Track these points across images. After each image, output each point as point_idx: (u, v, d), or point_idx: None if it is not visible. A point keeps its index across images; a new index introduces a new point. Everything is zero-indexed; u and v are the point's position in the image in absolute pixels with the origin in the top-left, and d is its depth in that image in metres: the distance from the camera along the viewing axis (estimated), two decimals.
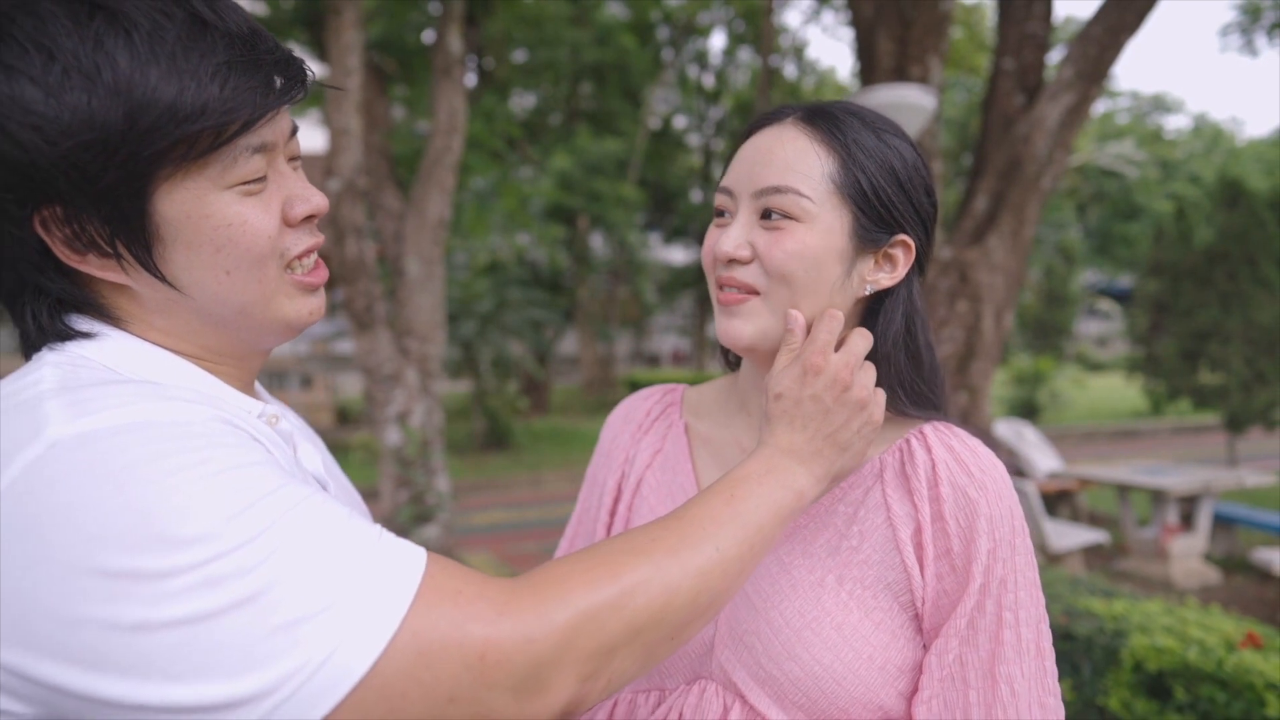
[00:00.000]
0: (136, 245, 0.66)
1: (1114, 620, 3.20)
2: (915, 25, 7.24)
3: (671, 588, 0.65)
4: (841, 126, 0.83)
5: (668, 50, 22.77)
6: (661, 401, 1.05)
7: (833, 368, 0.79)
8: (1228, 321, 9.43)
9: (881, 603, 0.82)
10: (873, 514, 0.84)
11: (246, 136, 0.67)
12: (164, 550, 0.53)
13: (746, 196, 0.83)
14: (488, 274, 14.76)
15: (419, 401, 6.27)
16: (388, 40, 10.82)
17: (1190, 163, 33.18)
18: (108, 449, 0.56)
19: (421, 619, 0.57)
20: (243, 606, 0.53)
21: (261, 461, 0.61)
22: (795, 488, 0.76)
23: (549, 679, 0.59)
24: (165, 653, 0.52)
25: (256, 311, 0.73)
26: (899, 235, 0.85)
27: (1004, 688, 0.77)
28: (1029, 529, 3.63)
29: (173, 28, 0.63)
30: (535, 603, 0.60)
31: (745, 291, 0.83)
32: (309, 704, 0.53)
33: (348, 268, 6.14)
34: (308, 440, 0.85)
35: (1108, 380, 23.37)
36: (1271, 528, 5.82)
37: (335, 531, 0.59)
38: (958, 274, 7.45)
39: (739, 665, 0.83)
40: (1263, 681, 2.63)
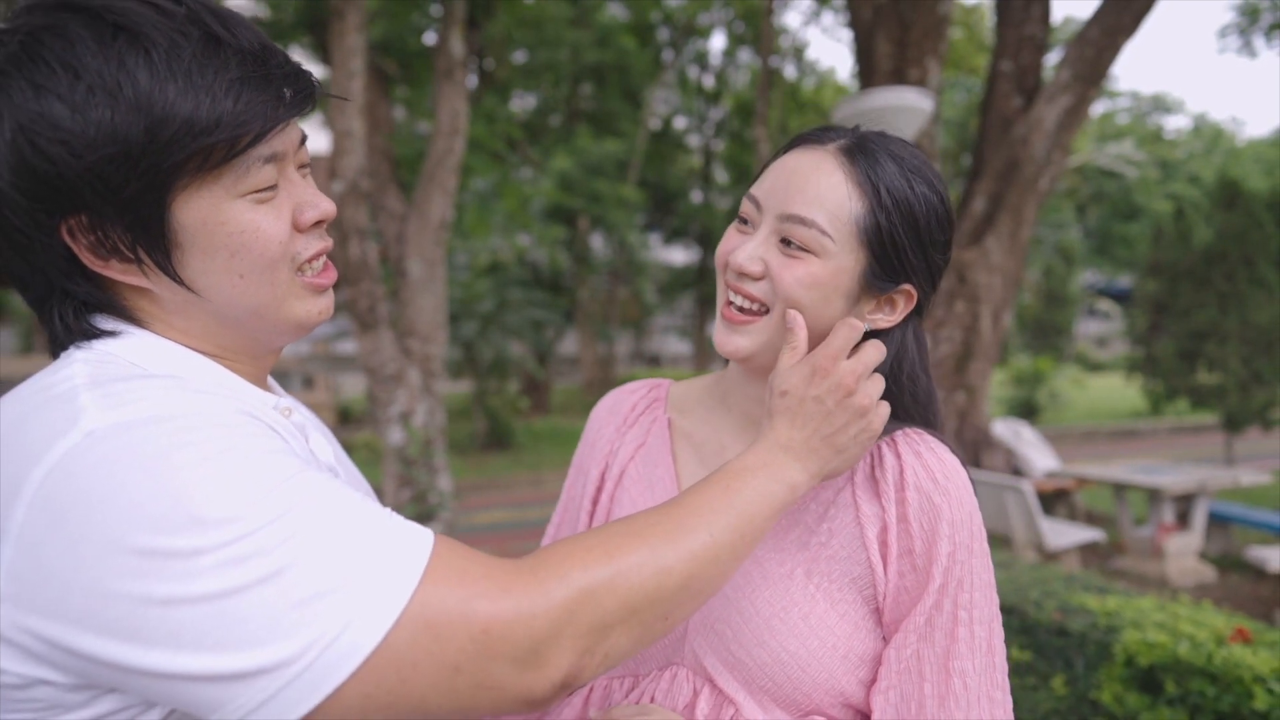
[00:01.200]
0: (156, 251, 0.70)
1: (1107, 616, 3.24)
2: (913, 28, 7.29)
3: (665, 570, 0.69)
4: (879, 169, 0.84)
5: (668, 51, 22.81)
6: (647, 396, 1.08)
7: (840, 373, 0.82)
8: (1225, 322, 9.47)
9: (846, 596, 0.86)
10: (842, 513, 0.89)
11: (258, 148, 0.71)
12: (193, 531, 0.57)
13: (772, 215, 0.86)
14: (489, 274, 14.81)
15: (421, 401, 6.32)
16: (389, 42, 10.87)
17: (1190, 163, 33.21)
18: (140, 438, 0.60)
19: (429, 595, 0.61)
20: (265, 583, 0.57)
21: (280, 450, 0.66)
22: (789, 482, 0.79)
23: (548, 653, 0.63)
24: (194, 625, 0.57)
25: (269, 312, 0.77)
26: (904, 285, 0.88)
27: (956, 681, 0.82)
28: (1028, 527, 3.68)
29: (189, 46, 0.68)
30: (536, 581, 0.64)
31: (755, 304, 0.87)
32: (325, 673, 0.58)
33: (351, 269, 6.19)
34: (319, 432, 0.89)
35: (1107, 380, 23.40)
36: (1267, 526, 5.87)
37: (349, 514, 0.63)
38: (956, 275, 7.49)
39: (710, 651, 0.88)
40: (1251, 675, 2.67)
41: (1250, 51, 14.25)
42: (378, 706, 0.60)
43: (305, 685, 0.57)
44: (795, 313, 0.85)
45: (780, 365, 0.85)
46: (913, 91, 5.47)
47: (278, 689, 0.57)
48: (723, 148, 26.39)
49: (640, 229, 23.20)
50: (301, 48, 9.85)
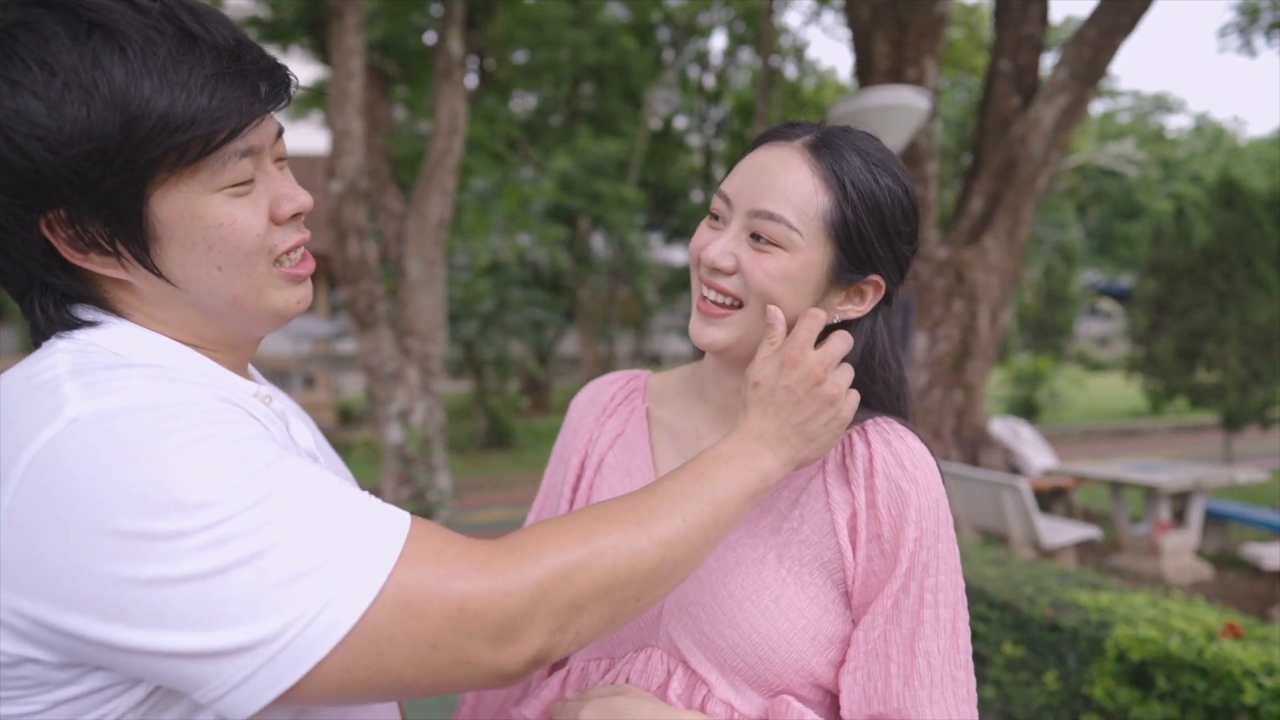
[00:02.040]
0: (134, 244, 0.71)
1: (1100, 612, 3.26)
2: (911, 28, 7.30)
3: (638, 553, 0.71)
4: (843, 164, 0.86)
5: (668, 51, 22.83)
6: (626, 387, 1.11)
7: (809, 363, 0.84)
8: (1224, 321, 9.48)
9: (816, 579, 0.89)
10: (813, 499, 0.91)
11: (234, 142, 0.72)
12: (176, 514, 0.59)
13: (741, 211, 0.88)
14: (489, 274, 14.84)
15: (420, 400, 6.34)
16: (390, 42, 10.89)
17: (1191, 162, 33.20)
18: (123, 425, 0.62)
19: (406, 574, 0.63)
20: (246, 564, 0.59)
21: (260, 436, 0.67)
22: (761, 470, 0.82)
23: (522, 629, 0.65)
24: (177, 605, 0.59)
25: (247, 303, 0.78)
26: (873, 275, 0.90)
27: (921, 661, 0.84)
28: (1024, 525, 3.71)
29: (164, 43, 0.68)
30: (512, 560, 0.66)
31: (728, 299, 0.89)
32: (306, 650, 0.60)
33: (350, 268, 6.22)
34: (299, 419, 0.91)
35: (1108, 380, 23.41)
36: (1263, 524, 5.88)
37: (328, 497, 0.65)
38: (954, 274, 7.51)
39: (684, 633, 0.90)
40: (1240, 669, 2.69)
41: (1250, 51, 14.26)
42: (357, 682, 0.62)
43: (285, 662, 0.59)
44: (775, 309, 0.87)
45: (757, 358, 0.88)
46: (909, 90, 5.48)
47: (258, 666, 0.59)
48: (723, 148, 26.40)
49: (641, 229, 23.22)
50: (301, 48, 9.88)
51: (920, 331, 7.54)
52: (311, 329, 15.99)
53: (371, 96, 7.93)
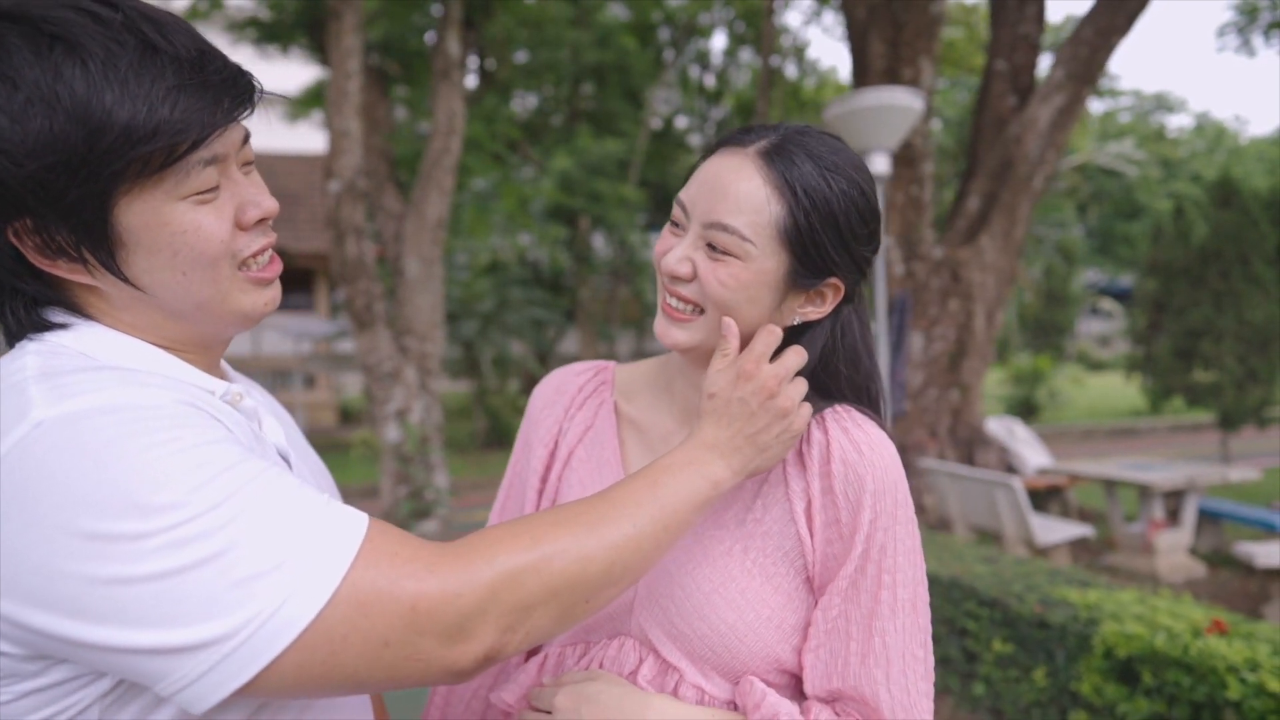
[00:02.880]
0: (101, 252, 0.72)
1: (1088, 609, 3.28)
2: (906, 28, 7.33)
3: (587, 557, 0.73)
4: (795, 170, 0.87)
5: (669, 51, 22.84)
6: (594, 379, 1.12)
7: (763, 376, 0.86)
8: (1220, 320, 9.50)
9: (780, 569, 0.91)
10: (774, 490, 0.94)
11: (198, 152, 0.73)
12: (138, 516, 0.61)
13: (697, 222, 0.89)
14: (489, 274, 14.87)
15: (418, 399, 6.38)
16: (390, 42, 10.93)
17: (1192, 162, 33.17)
18: (87, 428, 0.63)
19: (361, 575, 0.65)
20: (206, 564, 0.61)
21: (223, 439, 0.69)
22: (712, 479, 0.84)
23: (473, 629, 0.68)
24: (138, 603, 0.60)
25: (214, 306, 0.79)
26: (830, 279, 0.91)
27: (878, 640, 0.86)
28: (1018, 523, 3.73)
29: (125, 55, 0.69)
30: (463, 563, 0.69)
31: (688, 305, 0.92)
32: (262, 647, 0.62)
33: (348, 268, 6.25)
34: (271, 415, 0.91)
35: (1108, 379, 23.41)
36: (1257, 522, 5.90)
37: (287, 500, 0.67)
38: (950, 273, 7.54)
39: (654, 624, 0.93)
40: (1224, 665, 2.71)
41: (1249, 50, 14.25)
42: (311, 677, 0.64)
43: (242, 659, 0.62)
44: (730, 320, 0.89)
45: (711, 369, 0.90)
46: (904, 91, 5.50)
47: (216, 662, 0.61)
48: None
49: (641, 229, 23.23)
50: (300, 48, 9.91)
51: (916, 331, 7.56)
52: (312, 328, 16.02)
53: (370, 97, 7.97)
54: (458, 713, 1.11)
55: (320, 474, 0.98)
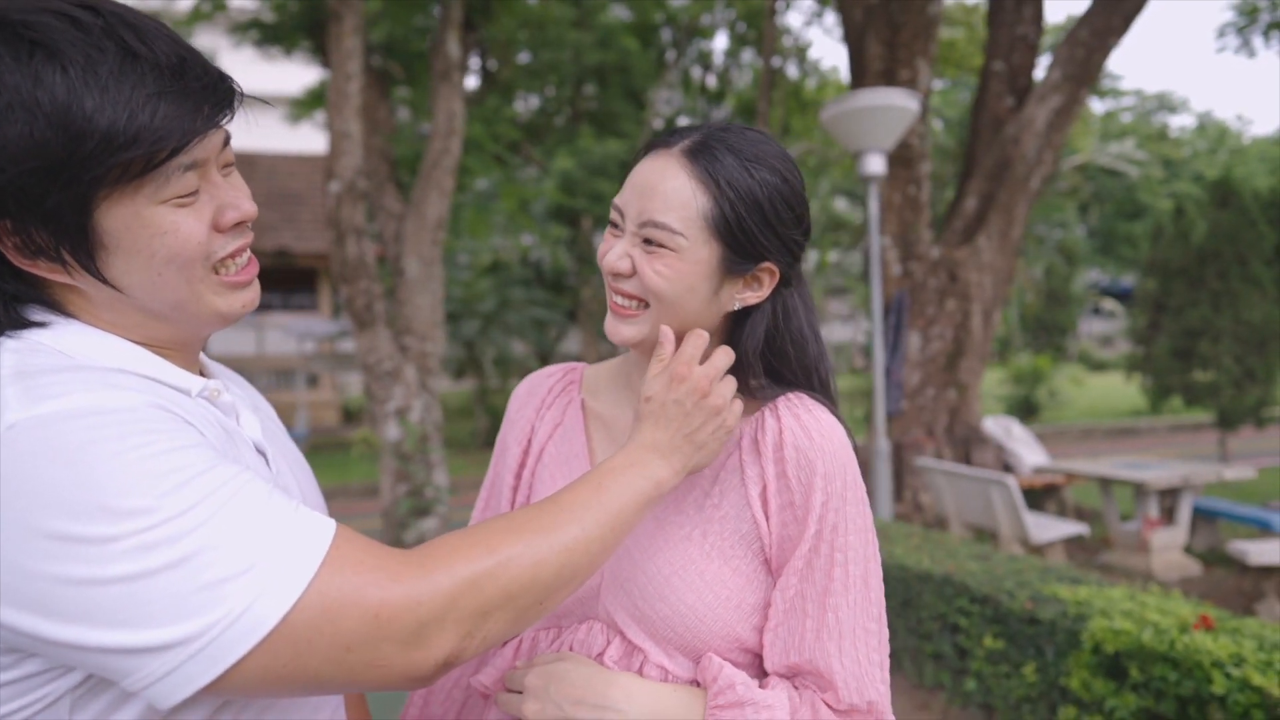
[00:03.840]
0: (80, 253, 0.73)
1: (1078, 605, 3.31)
2: (903, 29, 7.36)
3: (540, 561, 0.76)
4: (717, 164, 0.92)
5: (670, 52, 22.87)
6: (563, 380, 1.17)
7: (695, 378, 0.91)
8: (1218, 320, 9.51)
9: (738, 552, 0.96)
10: (730, 476, 0.98)
11: (178, 158, 0.74)
12: (107, 519, 0.62)
13: (632, 222, 0.95)
14: (491, 274, 14.92)
15: (418, 398, 6.42)
16: (393, 44, 10.96)
17: (1195, 162, 33.14)
18: (60, 432, 0.64)
19: (326, 582, 0.67)
20: (174, 568, 0.63)
21: (195, 445, 0.70)
22: (655, 478, 0.88)
23: (432, 635, 0.70)
24: (107, 604, 0.62)
25: (190, 306, 0.80)
26: (764, 263, 0.96)
27: (831, 616, 0.91)
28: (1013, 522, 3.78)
29: (105, 61, 0.69)
30: (424, 571, 0.71)
31: (632, 301, 0.97)
32: (227, 649, 0.64)
33: (348, 267, 6.30)
34: (250, 410, 0.93)
35: (1108, 379, 23.39)
36: (1252, 521, 5.92)
37: (256, 506, 0.68)
38: (947, 273, 7.57)
39: (619, 607, 0.98)
40: (1210, 660, 2.74)
41: (1249, 51, 14.23)
42: (276, 679, 0.67)
43: (206, 659, 0.64)
44: (666, 328, 0.94)
45: (648, 375, 0.95)
46: (899, 92, 5.54)
47: (181, 662, 0.63)
48: None
49: None
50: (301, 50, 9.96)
51: (913, 330, 7.59)
52: (315, 328, 16.08)
53: (371, 98, 8.02)
54: (439, 700, 1.16)
55: (301, 469, 0.99)
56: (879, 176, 5.76)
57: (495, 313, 13.64)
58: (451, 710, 1.15)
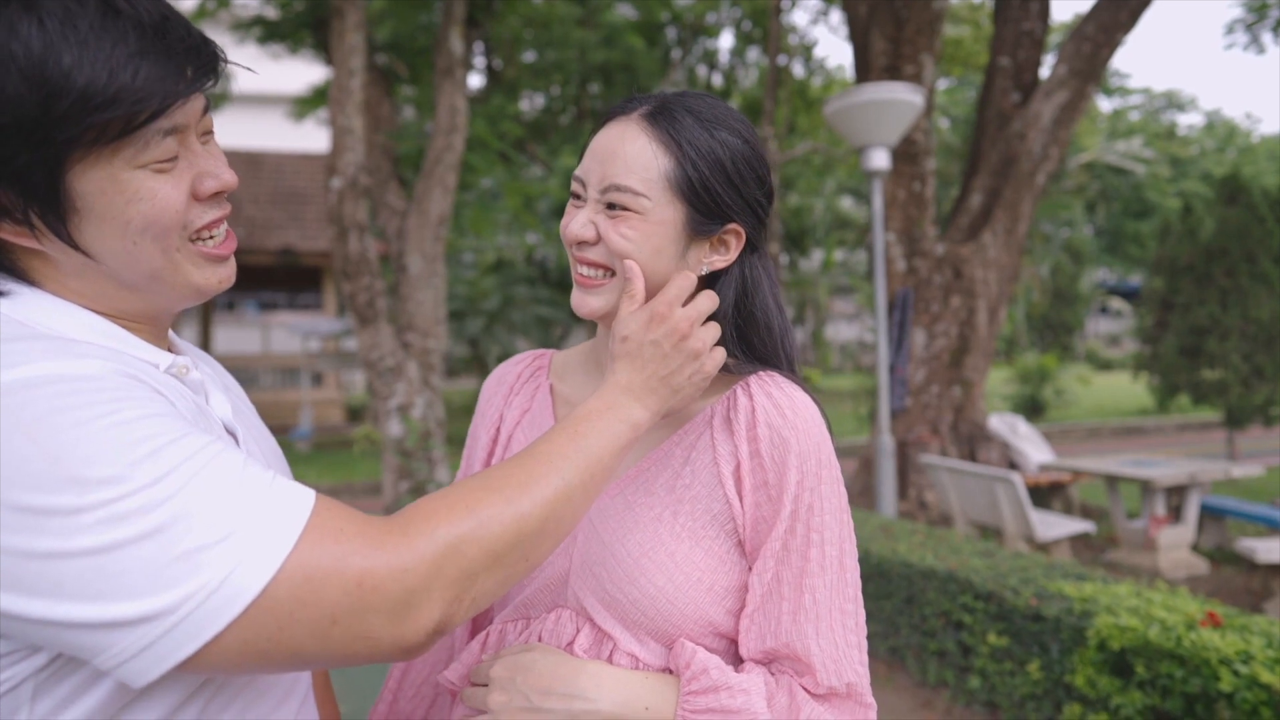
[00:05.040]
0: (50, 216, 0.69)
1: (1083, 602, 3.28)
2: (908, 25, 7.33)
3: (523, 516, 0.74)
4: (677, 125, 0.92)
5: (676, 50, 22.86)
6: (531, 365, 1.16)
7: (675, 319, 0.89)
8: (1226, 317, 9.46)
9: (710, 532, 0.93)
10: (702, 455, 0.95)
11: (158, 122, 0.70)
12: (74, 490, 0.59)
13: (594, 188, 0.93)
14: (495, 272, 14.92)
15: (420, 394, 6.41)
16: (399, 42, 10.97)
17: (1203, 160, 33.01)
18: (21, 401, 0.61)
19: (306, 551, 0.64)
20: (148, 538, 0.60)
21: (164, 413, 0.67)
22: (631, 421, 0.86)
23: (419, 603, 0.67)
24: (75, 578, 0.59)
25: (166, 277, 0.77)
26: (730, 224, 0.95)
27: (808, 597, 0.89)
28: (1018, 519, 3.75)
29: (85, 15, 0.66)
30: (406, 539, 0.68)
31: (598, 270, 0.95)
32: (205, 622, 0.60)
33: (350, 264, 6.29)
34: (220, 389, 0.90)
35: (1115, 378, 23.31)
36: (1260, 519, 5.87)
37: (232, 475, 0.65)
38: (952, 270, 7.53)
39: (589, 592, 0.94)
40: (1217, 657, 2.70)
41: (1258, 47, 14.14)
42: (256, 654, 0.63)
43: (184, 633, 0.60)
44: (631, 262, 0.92)
45: (620, 313, 0.92)
46: (903, 86, 5.51)
47: (157, 637, 0.60)
48: None
49: None
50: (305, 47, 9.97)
51: (918, 327, 7.56)
52: (321, 326, 16.08)
53: (373, 95, 8.01)
54: (408, 697, 1.13)
55: (272, 453, 0.96)
56: (883, 172, 5.72)
57: (500, 311, 13.63)
58: (420, 708, 1.13)
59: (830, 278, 27.53)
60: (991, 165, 7.73)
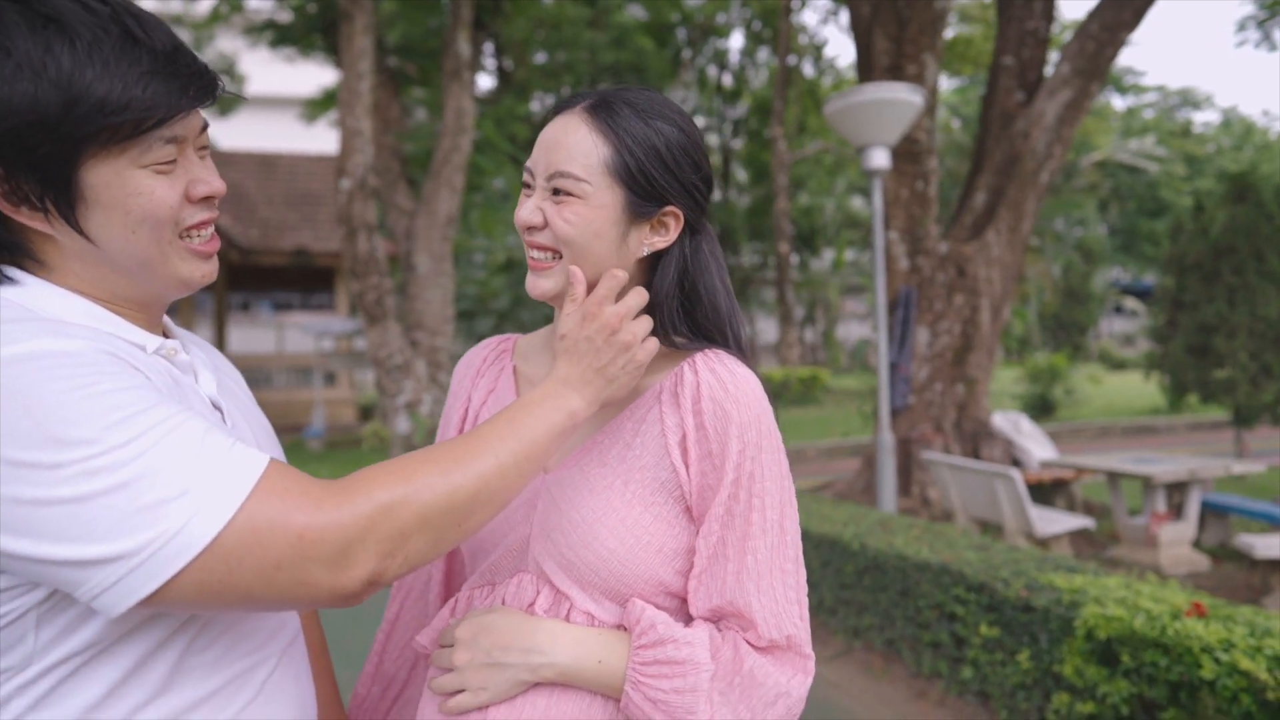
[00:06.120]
0: (62, 203, 0.82)
1: (1072, 593, 3.32)
2: (910, 25, 7.37)
3: (455, 488, 0.83)
4: (616, 117, 1.00)
5: (686, 51, 22.91)
6: (496, 349, 1.23)
7: (605, 315, 0.97)
8: (1234, 315, 9.43)
9: (658, 499, 1.00)
10: (651, 427, 1.03)
11: (161, 130, 0.84)
12: (54, 448, 0.70)
13: (541, 177, 1.01)
14: (504, 272, 15.03)
15: (428, 391, 6.51)
16: (410, 45, 11.08)
17: (1219, 158, 32.78)
18: (15, 372, 0.72)
19: (255, 506, 0.74)
20: (116, 491, 0.71)
21: (138, 385, 0.78)
22: (568, 409, 0.94)
23: (354, 556, 0.77)
24: (54, 522, 0.70)
25: (156, 266, 0.89)
26: (668, 207, 1.02)
27: (750, 558, 0.97)
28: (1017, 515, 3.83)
29: (109, 40, 0.80)
30: (345, 499, 0.78)
31: (547, 253, 1.03)
32: (165, 563, 0.71)
33: (359, 263, 6.40)
34: (209, 370, 1.01)
35: (1128, 378, 23.18)
36: (1262, 516, 5.88)
37: (194, 440, 0.76)
38: (955, 268, 7.56)
39: (547, 556, 1.02)
40: (1199, 645, 2.75)
41: (1271, 44, 14.08)
42: (210, 594, 0.74)
43: (145, 573, 0.71)
44: (576, 269, 1.00)
45: (563, 314, 1.01)
46: (903, 86, 5.56)
47: (123, 574, 0.71)
48: (741, 146, 26.44)
49: None
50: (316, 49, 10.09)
51: (921, 326, 7.60)
52: (333, 326, 16.24)
53: (382, 97, 8.12)
54: (392, 659, 1.22)
55: (261, 429, 1.06)
56: (883, 170, 5.78)
57: (509, 310, 13.72)
58: (404, 669, 1.22)
59: (841, 277, 27.51)
60: (995, 164, 7.76)
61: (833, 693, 4.07)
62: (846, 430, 14.18)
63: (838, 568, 4.60)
